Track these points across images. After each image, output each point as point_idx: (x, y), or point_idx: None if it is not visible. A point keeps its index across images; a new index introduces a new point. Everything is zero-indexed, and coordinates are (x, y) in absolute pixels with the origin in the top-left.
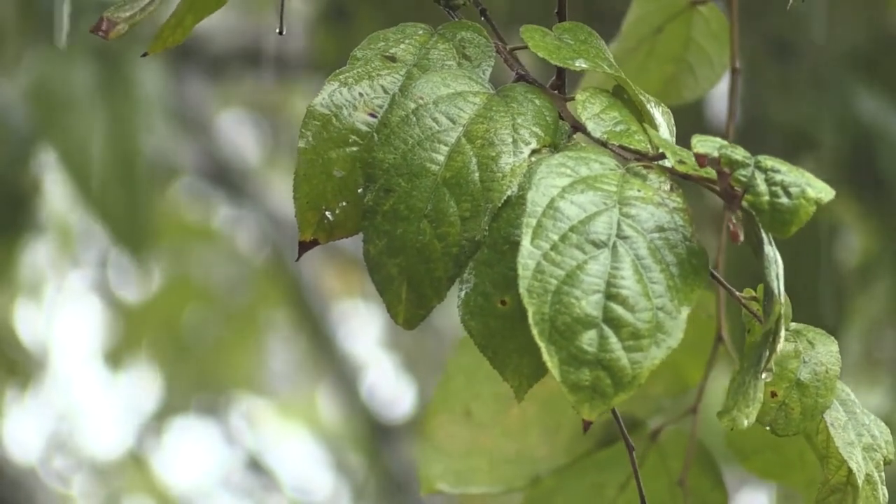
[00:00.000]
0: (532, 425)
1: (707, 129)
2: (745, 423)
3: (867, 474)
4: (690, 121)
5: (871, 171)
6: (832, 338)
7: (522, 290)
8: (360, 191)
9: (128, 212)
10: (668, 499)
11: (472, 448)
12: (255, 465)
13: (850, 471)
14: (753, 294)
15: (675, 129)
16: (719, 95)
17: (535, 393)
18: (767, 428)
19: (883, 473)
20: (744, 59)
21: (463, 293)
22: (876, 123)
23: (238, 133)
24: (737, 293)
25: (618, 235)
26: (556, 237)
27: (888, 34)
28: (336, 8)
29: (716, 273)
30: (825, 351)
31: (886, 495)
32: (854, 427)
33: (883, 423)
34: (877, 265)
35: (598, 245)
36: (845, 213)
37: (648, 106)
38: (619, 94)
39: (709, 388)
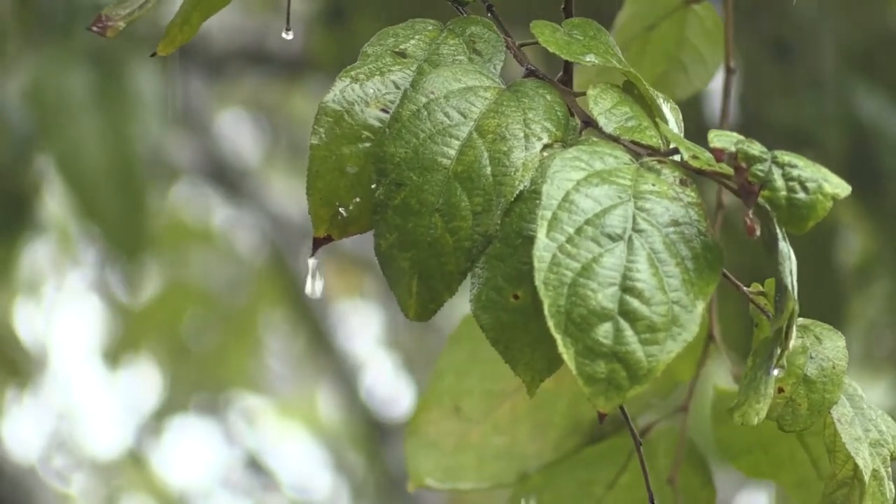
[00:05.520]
0: (522, 422)
1: (702, 129)
2: (756, 419)
3: (874, 470)
4: (685, 120)
5: (871, 172)
6: (839, 333)
7: (538, 283)
8: (373, 186)
9: (124, 217)
10: (658, 497)
11: (462, 444)
12: (255, 465)
13: (856, 466)
14: (760, 289)
15: (682, 124)
16: (717, 95)
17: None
18: (776, 423)
19: (890, 469)
20: (743, 59)
21: (475, 288)
22: (876, 123)
23: (237, 132)
24: (744, 288)
25: (633, 229)
26: (571, 230)
27: (888, 34)
28: (334, 8)
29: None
30: (832, 346)
31: (893, 490)
32: (861, 422)
33: (890, 419)
34: (876, 265)
35: (613, 238)
36: (845, 213)
37: (658, 101)
38: (629, 90)
39: (699, 387)
